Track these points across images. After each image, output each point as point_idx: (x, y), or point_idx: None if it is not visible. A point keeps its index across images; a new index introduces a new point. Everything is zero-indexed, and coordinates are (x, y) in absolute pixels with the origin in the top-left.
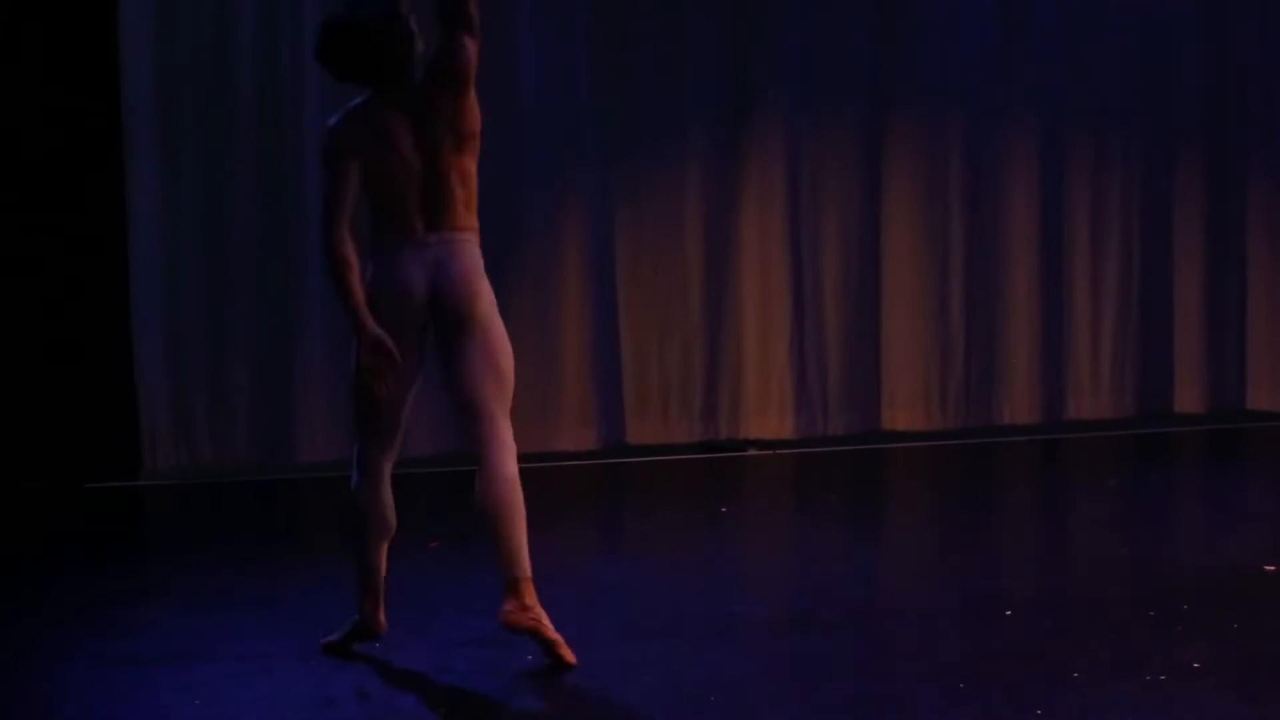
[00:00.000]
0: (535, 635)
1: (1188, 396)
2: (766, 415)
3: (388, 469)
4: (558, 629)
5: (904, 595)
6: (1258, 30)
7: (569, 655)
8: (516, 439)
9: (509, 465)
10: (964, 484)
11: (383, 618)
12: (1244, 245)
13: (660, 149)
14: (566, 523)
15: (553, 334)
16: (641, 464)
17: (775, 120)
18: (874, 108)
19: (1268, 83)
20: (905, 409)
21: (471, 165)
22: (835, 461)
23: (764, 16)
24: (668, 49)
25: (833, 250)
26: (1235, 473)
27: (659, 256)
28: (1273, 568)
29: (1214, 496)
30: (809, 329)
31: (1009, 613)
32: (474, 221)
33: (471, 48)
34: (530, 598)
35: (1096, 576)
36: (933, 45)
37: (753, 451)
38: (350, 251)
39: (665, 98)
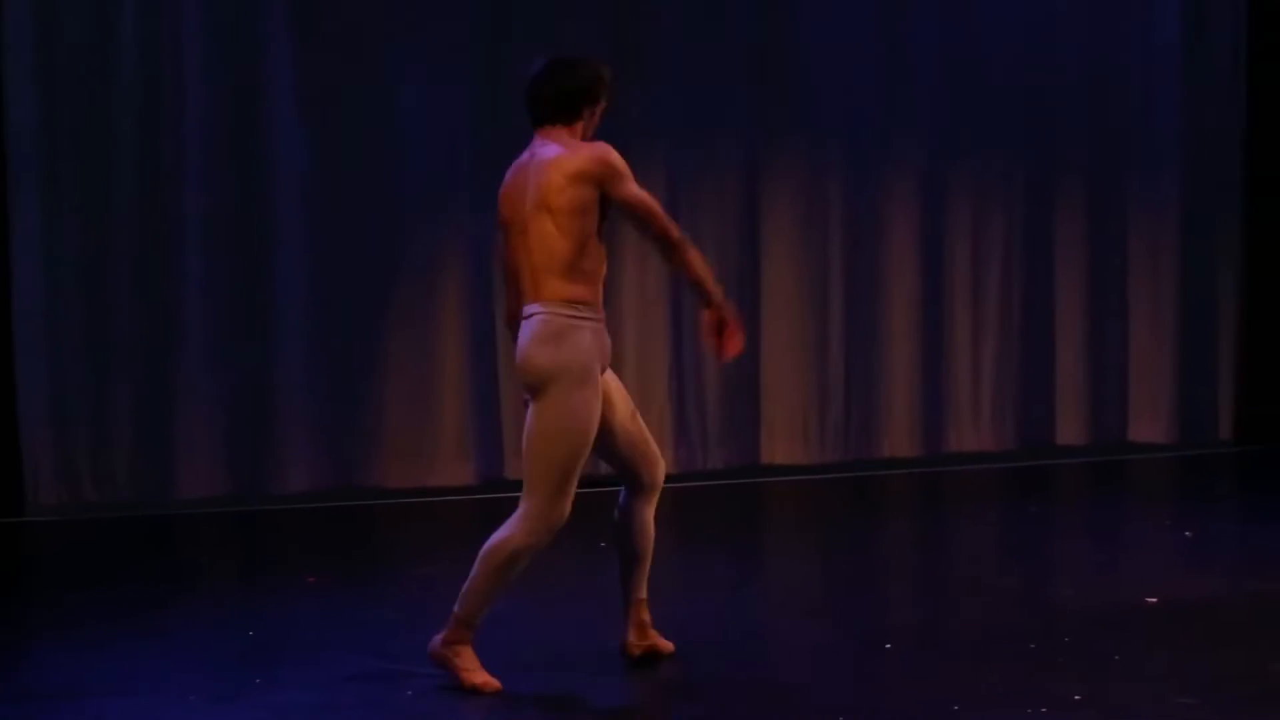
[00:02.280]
0: (443, 666)
1: (1069, 429)
2: None
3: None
4: (434, 666)
5: (786, 628)
6: (1139, 63)
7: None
8: (394, 475)
9: (501, 534)
10: (845, 517)
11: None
12: (1124, 278)
13: None
14: (446, 558)
15: (431, 370)
16: (517, 500)
17: (654, 156)
18: (753, 142)
19: (1147, 116)
20: (785, 443)
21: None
22: (715, 495)
23: (642, 51)
24: None
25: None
26: (1116, 505)
27: None
28: (1154, 600)
29: (1095, 529)
30: (688, 364)
31: (889, 646)
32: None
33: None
34: (451, 634)
35: (978, 609)
36: (812, 78)
37: None
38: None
39: None
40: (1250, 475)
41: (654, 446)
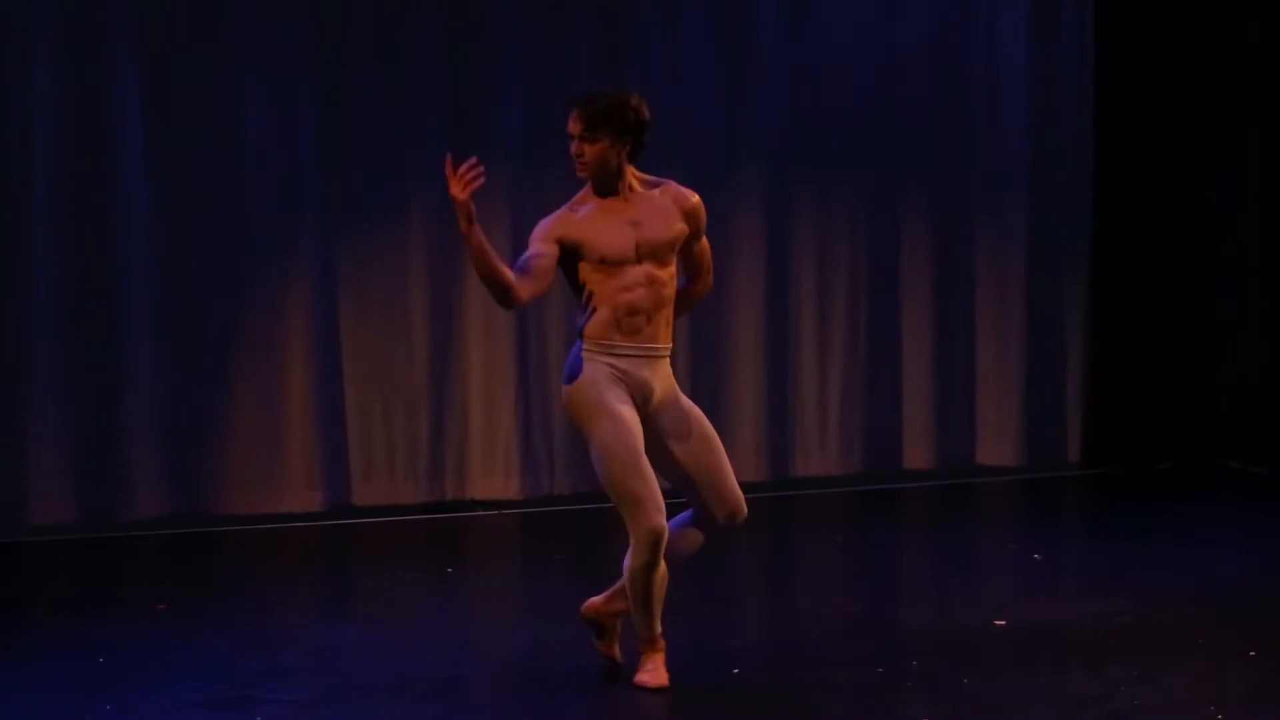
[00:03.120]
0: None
1: (916, 452)
2: (492, 476)
3: None
4: (285, 692)
5: (633, 656)
6: (986, 85)
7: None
8: (243, 502)
9: (629, 555)
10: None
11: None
12: (971, 301)
13: (385, 211)
14: (294, 585)
15: (278, 396)
16: (368, 525)
17: (498, 182)
18: None
19: (994, 138)
20: None
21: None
22: (561, 521)
23: (484, 72)
24: (391, 111)
25: (557, 309)
26: (964, 528)
27: (383, 318)
28: (1002, 623)
29: (943, 552)
30: (534, 389)
31: (736, 670)
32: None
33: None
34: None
35: (825, 634)
36: (652, 98)
37: (479, 512)
38: None
39: (389, 159)
40: (1098, 497)
41: (726, 487)
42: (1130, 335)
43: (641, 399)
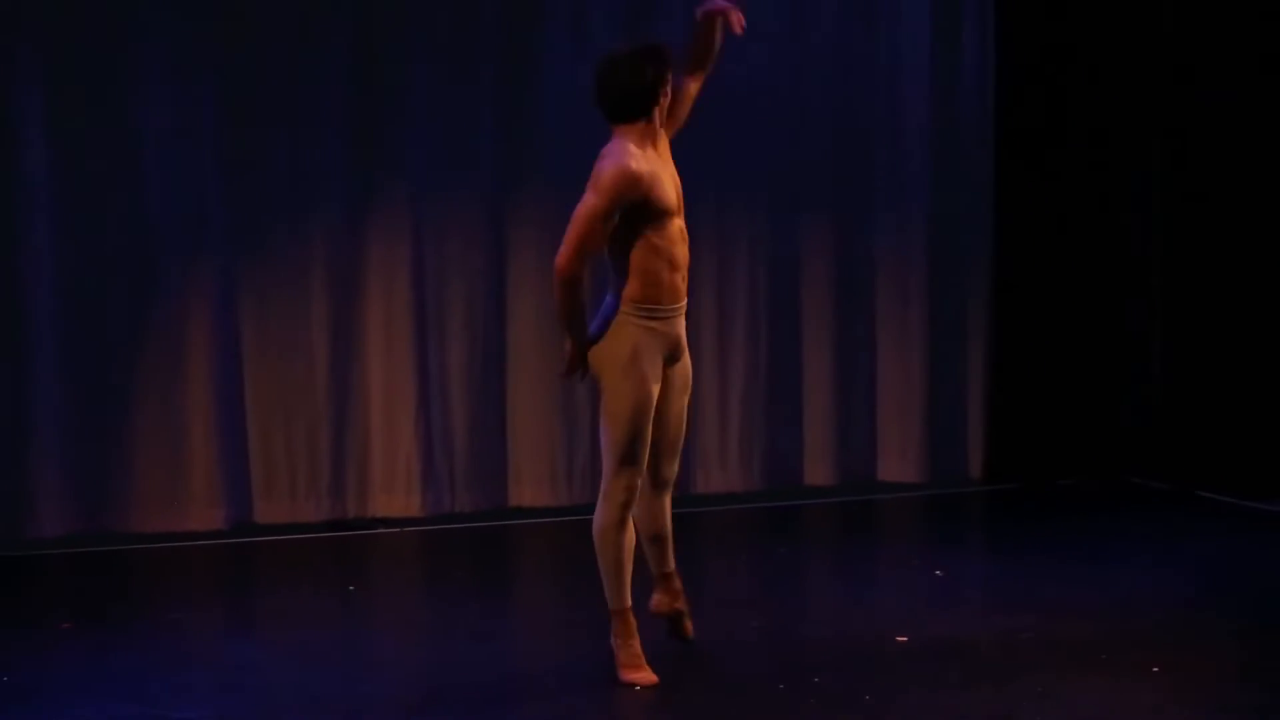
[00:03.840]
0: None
1: (817, 469)
2: (393, 493)
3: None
4: (193, 710)
5: (535, 672)
6: (884, 96)
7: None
8: (146, 520)
9: (598, 513)
10: (592, 559)
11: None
12: (872, 316)
13: (286, 231)
14: (199, 603)
15: (179, 414)
16: (270, 543)
17: (399, 203)
18: (498, 189)
19: (893, 150)
20: (532, 486)
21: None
22: (463, 539)
23: (387, 97)
24: (293, 131)
25: (457, 328)
26: (866, 544)
27: (285, 336)
28: (905, 639)
29: (845, 568)
30: (435, 407)
31: (638, 688)
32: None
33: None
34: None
35: (726, 651)
36: (555, 123)
37: (381, 530)
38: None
39: (291, 179)
40: (1000, 513)
41: (679, 446)
42: (1032, 351)
43: (669, 356)
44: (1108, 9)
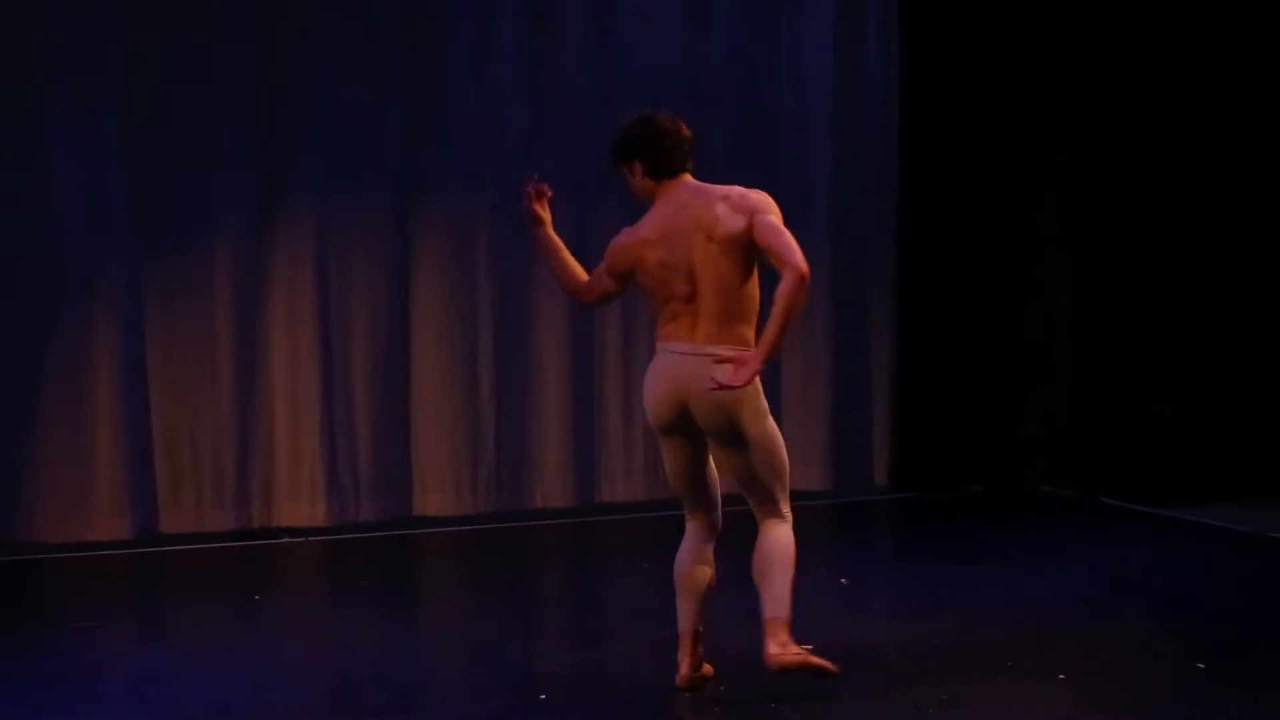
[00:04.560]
0: (804, 668)
1: (723, 477)
2: (298, 502)
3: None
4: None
5: (442, 681)
6: (787, 100)
7: (828, 664)
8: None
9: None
10: (498, 567)
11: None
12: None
13: (190, 241)
14: (106, 612)
15: (83, 423)
16: (175, 553)
17: (303, 212)
18: (402, 197)
19: (795, 155)
20: (436, 494)
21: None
22: (368, 547)
23: (294, 110)
24: (197, 143)
25: (362, 337)
26: None
27: (189, 345)
28: (809, 647)
29: (749, 576)
30: (339, 416)
31: (543, 696)
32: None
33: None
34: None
35: (632, 658)
36: (460, 131)
37: (286, 539)
38: None
39: (195, 190)
40: (906, 521)
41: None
42: (937, 358)
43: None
44: (1012, 8)
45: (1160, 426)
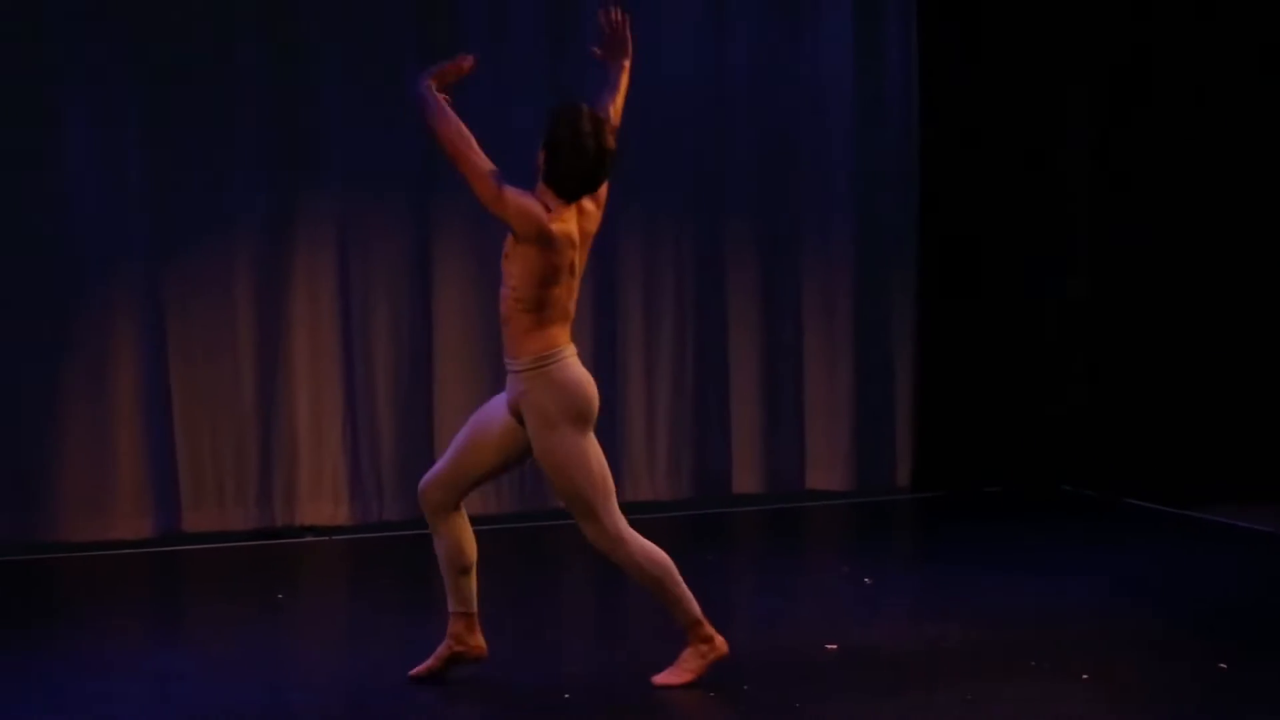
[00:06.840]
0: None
1: (745, 477)
2: (321, 501)
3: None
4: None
5: (464, 680)
6: (809, 103)
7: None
8: (71, 529)
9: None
10: (521, 567)
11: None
12: (799, 325)
13: (211, 241)
14: (127, 612)
15: (106, 423)
16: (198, 552)
17: (324, 212)
18: (422, 197)
19: (818, 158)
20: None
21: None
22: (391, 547)
23: (311, 111)
24: (217, 142)
25: (383, 335)
26: (795, 552)
27: (211, 345)
28: (834, 646)
29: (774, 576)
30: (361, 414)
31: (567, 696)
32: None
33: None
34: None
35: (656, 658)
36: (479, 132)
37: (309, 538)
38: None
39: (216, 192)
40: (927, 521)
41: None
42: (959, 358)
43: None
44: (1030, 13)
45: (1183, 427)
